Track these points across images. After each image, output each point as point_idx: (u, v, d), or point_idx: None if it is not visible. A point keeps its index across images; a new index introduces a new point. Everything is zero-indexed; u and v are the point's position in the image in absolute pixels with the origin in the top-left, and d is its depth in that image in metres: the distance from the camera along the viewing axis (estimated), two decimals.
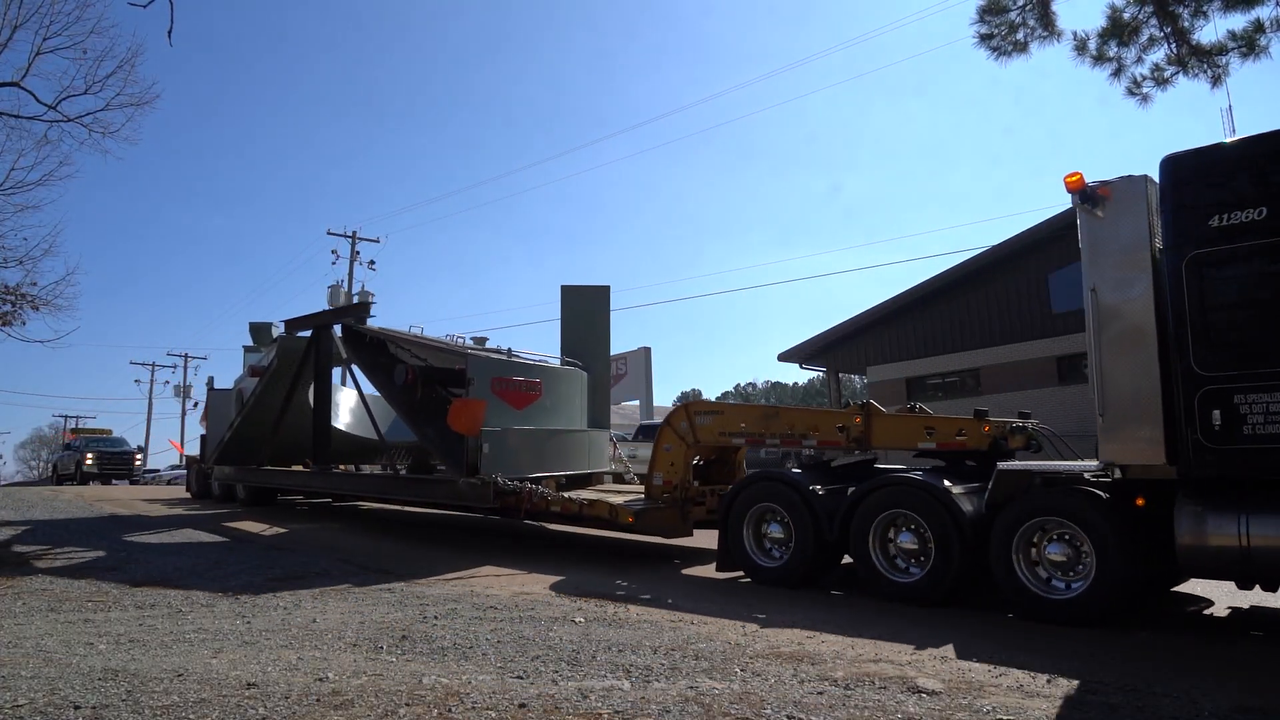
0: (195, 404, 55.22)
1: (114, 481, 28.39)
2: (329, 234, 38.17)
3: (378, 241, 41.69)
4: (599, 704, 3.43)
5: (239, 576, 7.27)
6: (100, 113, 14.01)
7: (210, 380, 15.25)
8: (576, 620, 5.28)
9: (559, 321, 11.38)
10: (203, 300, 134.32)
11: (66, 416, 63.32)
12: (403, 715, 3.29)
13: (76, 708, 3.33)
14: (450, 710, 3.35)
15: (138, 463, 31.62)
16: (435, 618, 5.36)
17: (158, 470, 39.83)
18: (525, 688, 3.68)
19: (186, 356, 58.21)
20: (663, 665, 4.12)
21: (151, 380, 59.00)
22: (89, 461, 28.57)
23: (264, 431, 12.71)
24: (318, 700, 3.47)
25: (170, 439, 33.02)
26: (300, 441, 12.43)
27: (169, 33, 5.59)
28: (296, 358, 11.94)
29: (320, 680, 3.79)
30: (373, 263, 38.75)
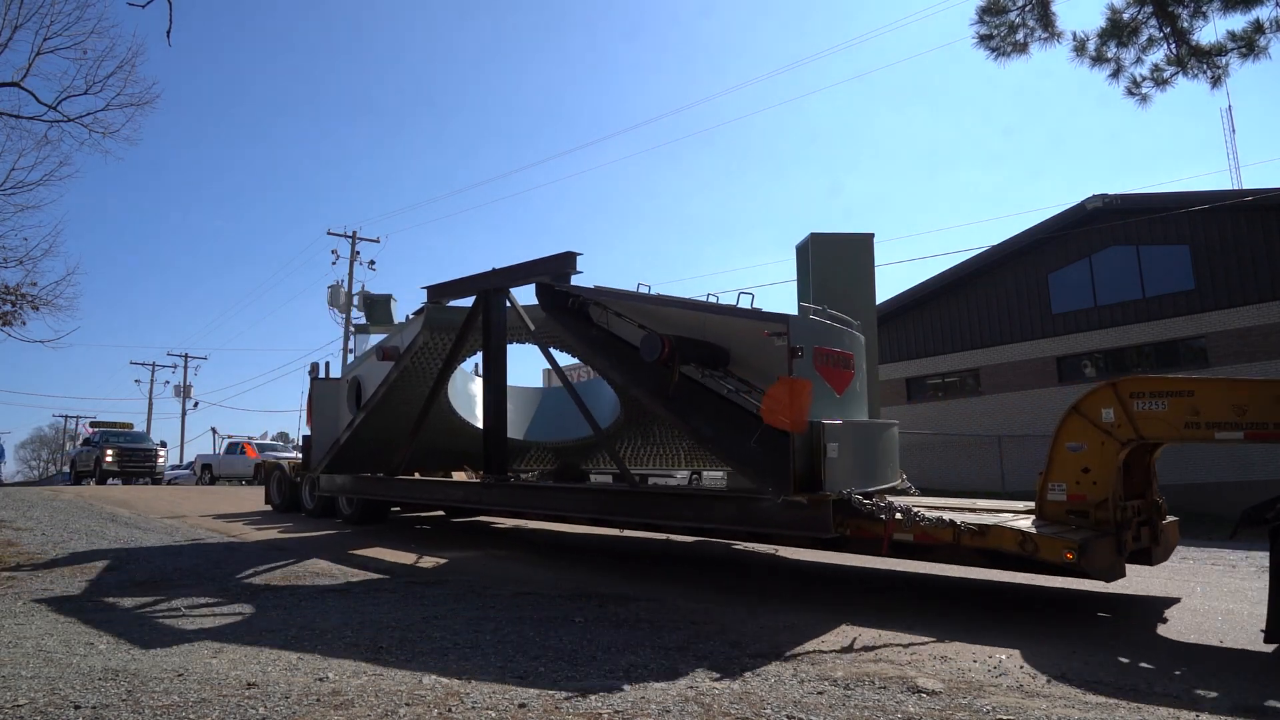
0: (195, 404, 55.32)
1: (135, 481, 26.31)
2: (329, 234, 38.22)
3: (377, 241, 41.83)
4: (599, 704, 3.43)
5: (239, 577, 7.27)
6: (100, 113, 14.02)
7: (315, 368, 11.68)
8: (576, 620, 5.28)
9: (794, 282, 8.78)
10: (203, 300, 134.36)
11: (67, 416, 63.35)
12: (403, 715, 3.30)
13: (77, 707, 3.34)
14: (450, 710, 3.36)
15: (161, 460, 28.40)
16: (435, 618, 5.37)
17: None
18: (525, 688, 3.69)
19: (186, 356, 58.24)
20: (663, 665, 4.12)
21: (151, 380, 59.04)
22: (109, 458, 25.88)
23: (398, 431, 9.96)
24: (318, 700, 3.48)
25: (245, 442, 30.09)
26: (434, 443, 10.31)
27: (168, 33, 5.60)
28: (452, 333, 9.06)
29: (320, 680, 3.79)
30: (373, 263, 38.78)
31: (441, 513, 12.64)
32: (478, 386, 10.71)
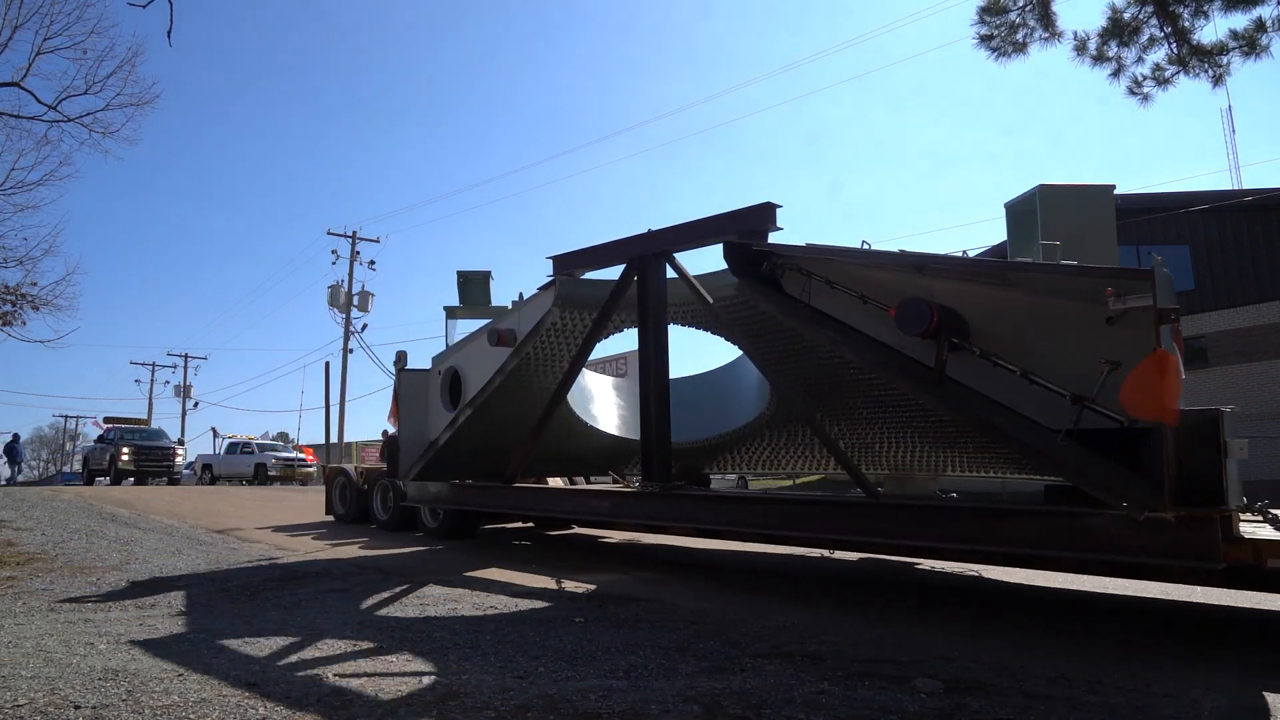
0: (195, 404, 55.41)
1: (151, 481, 25.47)
2: (329, 234, 38.33)
3: (377, 241, 41.90)
4: (599, 704, 3.43)
5: (239, 577, 7.27)
6: (100, 113, 14.08)
7: (401, 357, 9.98)
8: (576, 620, 5.28)
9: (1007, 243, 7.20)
10: (203, 300, 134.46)
11: (67, 416, 63.38)
12: (403, 715, 3.30)
13: (77, 707, 3.34)
14: (450, 710, 3.35)
15: (179, 459, 27.35)
16: (436, 617, 5.37)
17: None
18: (525, 688, 3.69)
19: (186, 356, 58.42)
20: (663, 665, 4.12)
21: (152, 380, 59.17)
22: (125, 457, 24.89)
23: (507, 430, 8.62)
24: (318, 700, 3.48)
25: (304, 445, 28.22)
26: (538, 446, 8.62)
27: (169, 33, 5.59)
28: (589, 311, 7.69)
29: (320, 680, 3.79)
30: (373, 263, 38.89)
31: (530, 524, 11.43)
32: (590, 379, 9.71)
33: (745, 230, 6.26)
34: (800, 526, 5.88)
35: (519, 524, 11.59)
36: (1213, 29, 8.62)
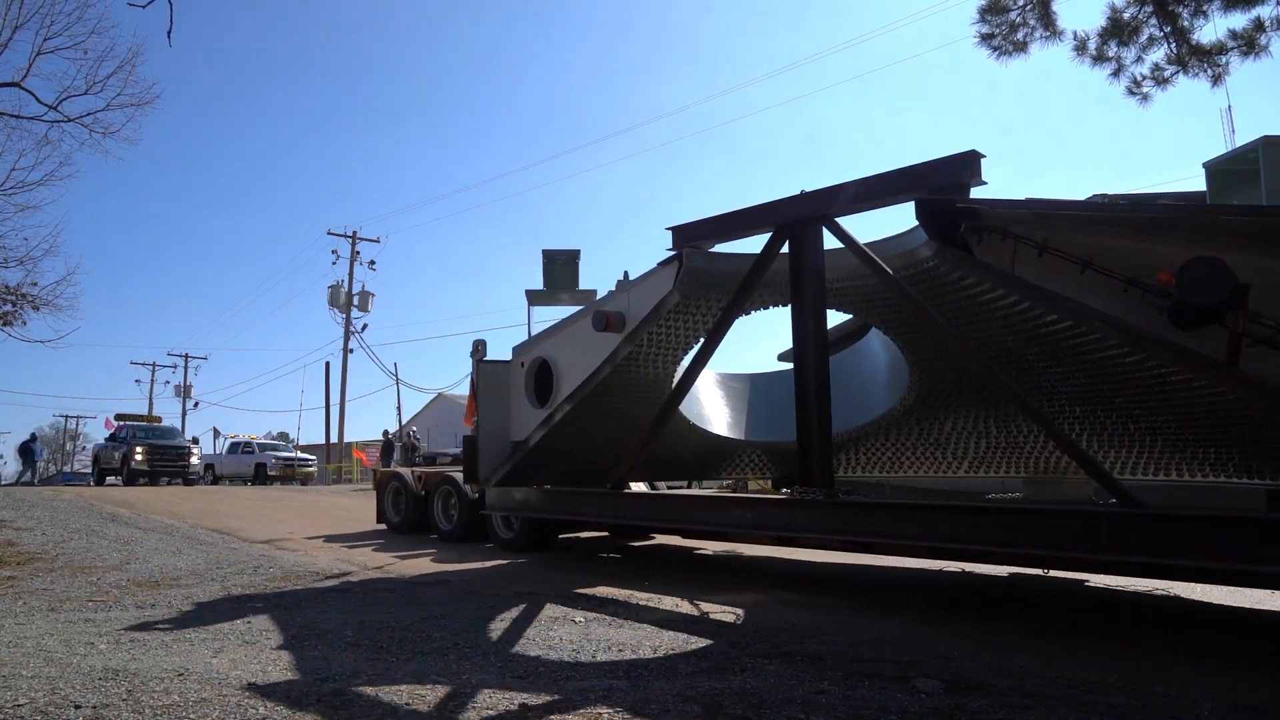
0: (195, 404, 55.43)
1: (160, 481, 24.67)
2: (329, 234, 38.39)
3: (377, 241, 41.88)
4: (599, 704, 3.43)
5: (239, 577, 7.27)
6: (101, 113, 14.10)
7: (480, 346, 8.76)
8: (576, 620, 5.28)
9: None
10: (203, 300, 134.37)
11: (67, 416, 63.41)
12: (403, 715, 3.30)
13: (77, 707, 3.34)
14: (450, 710, 3.36)
15: (194, 459, 26.35)
16: (435, 617, 5.37)
17: None
18: (525, 687, 3.69)
19: (187, 356, 58.48)
20: (663, 665, 4.12)
21: (152, 380, 59.24)
22: (139, 457, 24.00)
23: (607, 428, 7.87)
24: (318, 700, 3.48)
25: (355, 448, 26.84)
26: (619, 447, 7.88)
27: (169, 33, 5.59)
28: (720, 292, 6.70)
29: (320, 680, 3.79)
30: (373, 263, 38.94)
31: (605, 534, 10.45)
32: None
33: (939, 185, 5.29)
34: (1047, 544, 4.58)
35: (589, 533, 10.51)
36: (1212, 29, 8.63)
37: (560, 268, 9.34)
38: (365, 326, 37.87)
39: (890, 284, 5.78)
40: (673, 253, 6.66)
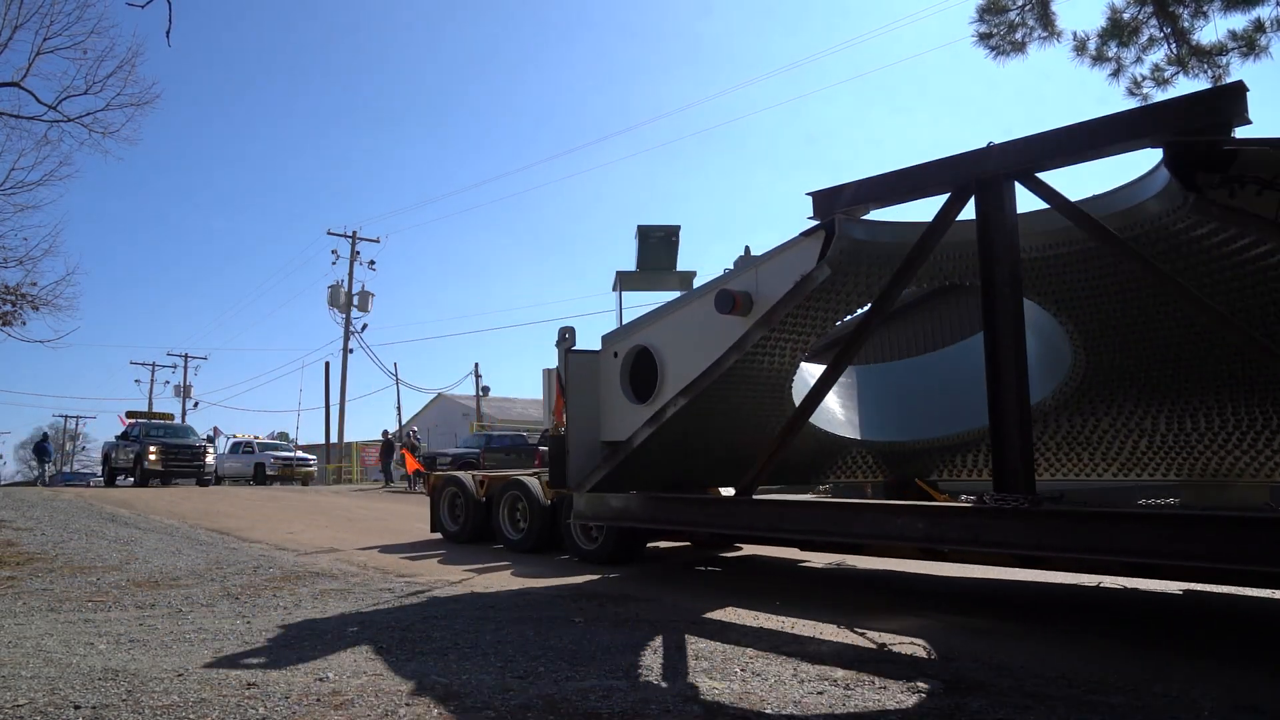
0: (195, 404, 55.41)
1: (175, 481, 24.15)
2: (329, 234, 38.39)
3: (377, 241, 41.91)
4: (599, 704, 3.43)
5: (239, 576, 7.27)
6: (100, 113, 14.11)
7: (568, 334, 7.74)
8: (576, 620, 5.28)
9: None
10: (203, 300, 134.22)
11: (67, 416, 63.41)
12: (403, 715, 3.30)
13: (77, 707, 3.34)
14: (450, 710, 3.36)
15: (210, 459, 25.30)
16: (435, 617, 5.37)
17: None
18: (525, 688, 3.69)
19: (186, 356, 58.50)
20: (662, 665, 4.12)
21: (151, 380, 59.25)
22: (152, 456, 23.09)
23: (718, 424, 7.06)
24: (318, 700, 3.48)
25: (405, 449, 25.88)
26: (712, 449, 7.23)
27: (168, 33, 5.59)
28: (876, 267, 5.81)
29: (320, 680, 3.79)
30: (373, 263, 38.93)
31: (687, 543, 9.49)
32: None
33: (1190, 127, 4.36)
34: None
35: (666, 543, 9.50)
36: (1212, 29, 8.63)
37: (655, 246, 8.34)
38: (365, 326, 37.88)
39: (1121, 250, 4.92)
40: (815, 222, 5.69)
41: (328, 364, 38.47)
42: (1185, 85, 8.87)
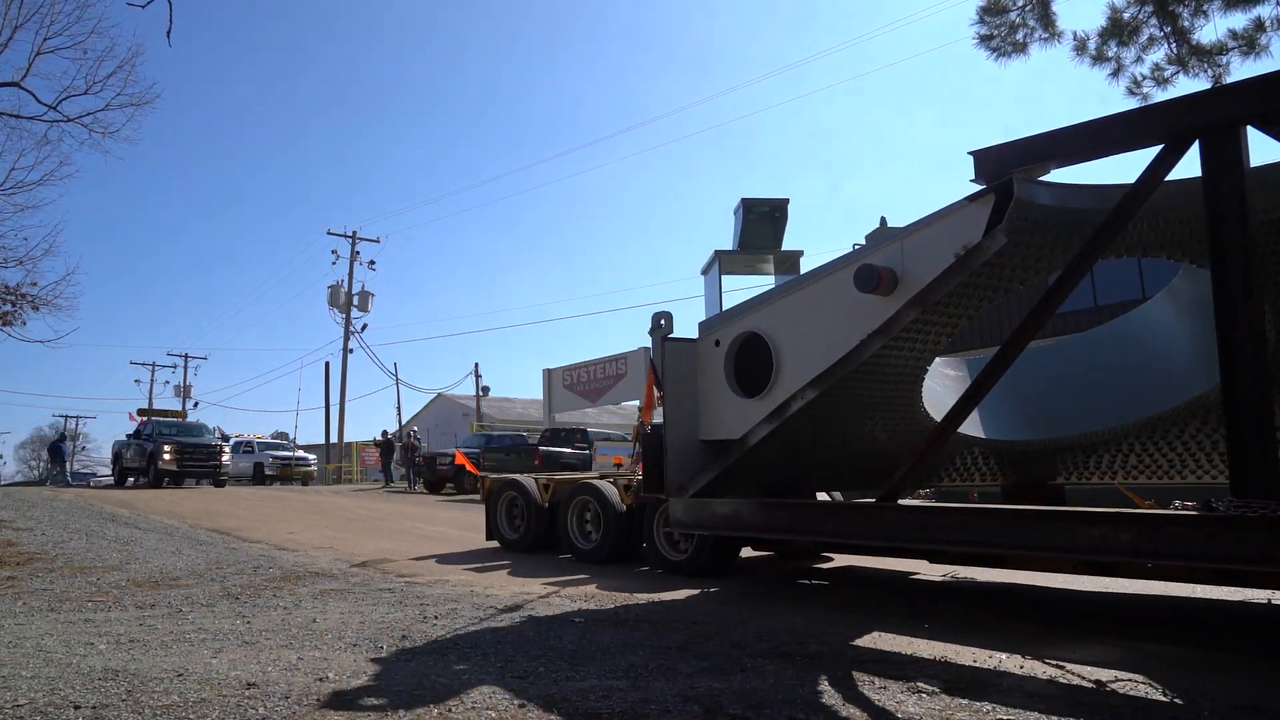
0: (195, 404, 55.37)
1: (187, 482, 23.69)
2: (329, 234, 38.40)
3: (377, 241, 42.01)
4: (599, 704, 3.43)
5: (239, 576, 7.27)
6: (100, 113, 14.08)
7: (663, 321, 6.92)
8: (576, 620, 5.28)
9: None
10: (203, 300, 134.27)
11: (67, 416, 63.40)
12: (403, 715, 3.30)
13: (77, 707, 3.34)
14: (450, 710, 3.36)
15: (226, 459, 24.44)
16: (435, 618, 5.37)
17: None
18: (525, 688, 3.69)
19: (186, 356, 58.52)
20: (662, 665, 4.12)
21: (151, 380, 59.25)
22: (167, 456, 22.32)
23: (850, 422, 6.30)
24: (318, 700, 3.48)
25: (457, 449, 24.52)
26: (827, 456, 6.59)
27: (168, 33, 5.60)
28: (1057, 235, 4.96)
29: (320, 680, 3.79)
30: (373, 263, 38.95)
31: (769, 552, 8.67)
32: None
33: None
34: None
35: (751, 552, 8.60)
36: (1212, 29, 8.63)
37: (759, 223, 7.28)
38: (365, 326, 37.89)
39: None
40: (983, 186, 4.80)
41: (328, 364, 38.50)
42: (1185, 85, 8.87)
